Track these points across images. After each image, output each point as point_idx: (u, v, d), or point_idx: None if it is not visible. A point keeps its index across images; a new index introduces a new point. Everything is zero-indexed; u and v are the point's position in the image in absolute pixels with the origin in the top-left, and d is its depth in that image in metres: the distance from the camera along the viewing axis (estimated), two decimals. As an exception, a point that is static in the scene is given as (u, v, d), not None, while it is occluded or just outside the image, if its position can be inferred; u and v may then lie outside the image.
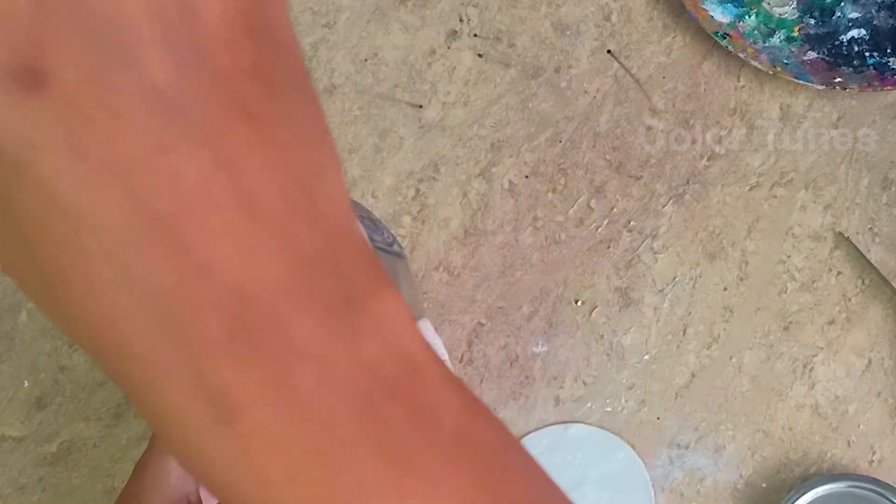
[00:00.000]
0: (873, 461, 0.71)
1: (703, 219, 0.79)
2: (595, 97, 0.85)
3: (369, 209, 0.82)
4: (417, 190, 0.82)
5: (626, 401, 0.74)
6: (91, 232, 0.22)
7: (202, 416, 0.24)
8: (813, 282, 0.77)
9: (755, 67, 0.83)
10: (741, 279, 0.77)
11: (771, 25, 0.86)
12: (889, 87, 0.82)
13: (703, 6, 0.86)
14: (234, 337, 0.23)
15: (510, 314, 0.77)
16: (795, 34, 0.86)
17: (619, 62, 0.86)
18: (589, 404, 0.74)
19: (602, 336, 0.76)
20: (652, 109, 0.84)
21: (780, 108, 0.83)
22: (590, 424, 0.73)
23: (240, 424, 0.24)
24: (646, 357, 0.75)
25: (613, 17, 0.88)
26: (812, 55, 0.85)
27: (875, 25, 0.86)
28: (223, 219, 0.23)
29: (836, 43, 0.85)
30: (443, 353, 0.34)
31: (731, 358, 0.75)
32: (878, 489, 0.68)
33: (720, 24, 0.85)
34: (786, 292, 0.76)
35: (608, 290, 0.78)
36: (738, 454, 0.72)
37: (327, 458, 0.24)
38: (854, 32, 0.85)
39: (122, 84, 0.22)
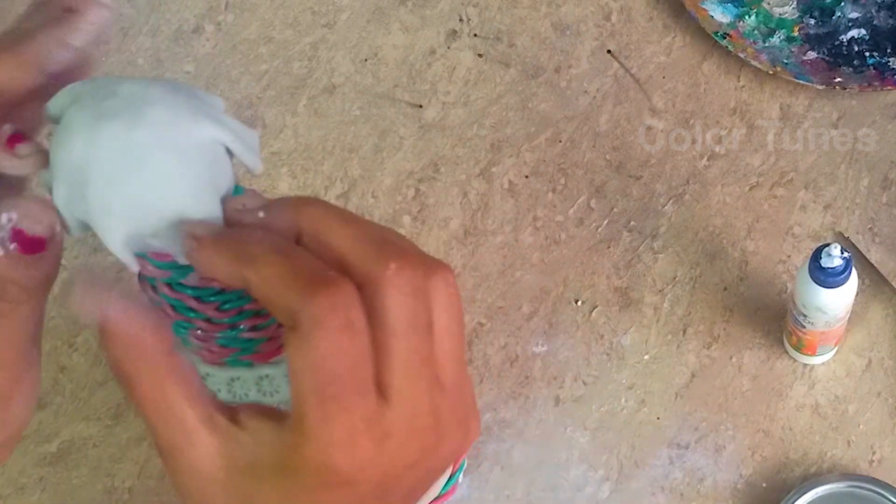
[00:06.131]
0: (873, 461, 0.71)
1: (703, 219, 0.79)
2: (595, 97, 0.85)
3: (369, 209, 0.82)
4: (417, 190, 0.82)
5: (626, 401, 0.74)
6: None
7: None
8: (813, 282, 0.77)
9: (755, 67, 0.83)
10: (741, 279, 0.77)
11: (771, 25, 0.86)
12: (889, 87, 0.82)
13: (703, 6, 0.86)
14: None
15: (510, 314, 0.77)
16: (795, 34, 0.86)
17: (619, 62, 0.86)
18: (589, 404, 0.74)
19: (602, 336, 0.76)
20: (652, 109, 0.84)
21: (780, 108, 0.83)
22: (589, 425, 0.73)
23: None
24: (646, 357, 0.75)
25: (613, 17, 0.88)
26: (812, 55, 0.85)
27: (875, 25, 0.86)
28: None
29: (836, 43, 0.85)
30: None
31: (731, 358, 0.75)
32: (878, 489, 0.68)
33: (720, 23, 0.85)
34: (786, 292, 0.76)
35: (608, 290, 0.78)
36: (738, 454, 0.72)
37: None
38: (854, 32, 0.85)
39: None
